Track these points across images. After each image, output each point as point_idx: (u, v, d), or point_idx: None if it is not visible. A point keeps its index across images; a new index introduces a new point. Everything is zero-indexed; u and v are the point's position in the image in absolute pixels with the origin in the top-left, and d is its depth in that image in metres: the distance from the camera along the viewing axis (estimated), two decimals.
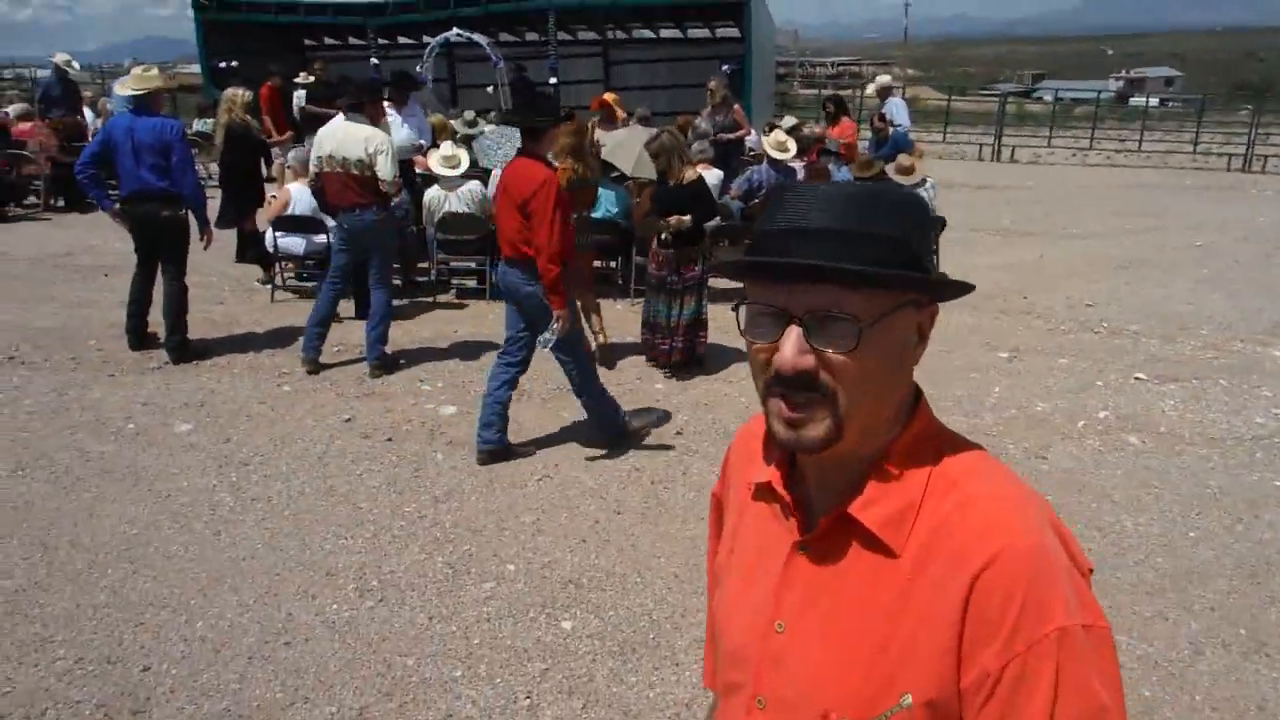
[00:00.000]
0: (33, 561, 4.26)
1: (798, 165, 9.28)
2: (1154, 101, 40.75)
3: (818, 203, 1.03)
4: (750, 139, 11.78)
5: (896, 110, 12.65)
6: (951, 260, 10.23)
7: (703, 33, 19.93)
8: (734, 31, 17.59)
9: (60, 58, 13.94)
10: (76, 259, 10.41)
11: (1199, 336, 7.81)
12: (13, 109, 14.51)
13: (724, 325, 6.83)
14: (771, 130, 9.60)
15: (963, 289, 1.09)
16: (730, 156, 10.84)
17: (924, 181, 9.23)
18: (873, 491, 1.07)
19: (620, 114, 10.68)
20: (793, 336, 1.01)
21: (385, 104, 7.54)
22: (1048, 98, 39.39)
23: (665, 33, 20.73)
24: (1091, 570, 1.06)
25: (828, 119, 12.36)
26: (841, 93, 20.53)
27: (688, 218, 6.43)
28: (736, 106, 11.62)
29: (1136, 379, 6.74)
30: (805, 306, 1.01)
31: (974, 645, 0.97)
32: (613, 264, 9.26)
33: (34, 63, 38.87)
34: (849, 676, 1.04)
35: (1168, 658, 3.60)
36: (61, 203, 13.33)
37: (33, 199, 13.44)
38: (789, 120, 12.84)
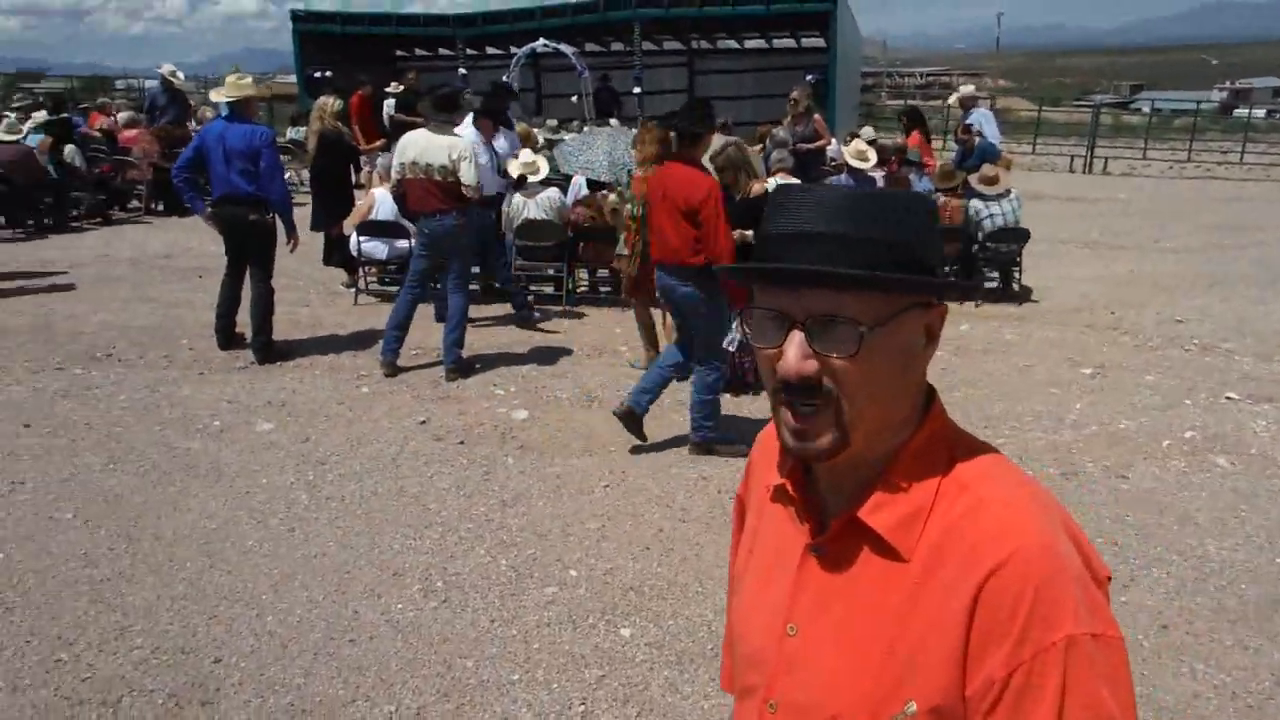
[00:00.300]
0: (118, 552, 4.42)
1: (878, 175, 9.17)
2: (1260, 113, 39.15)
3: (817, 206, 1.03)
4: (831, 149, 11.69)
5: (984, 121, 12.38)
6: (1036, 273, 10.00)
7: (788, 42, 19.87)
8: (819, 41, 17.50)
9: (166, 68, 14.49)
10: (174, 261, 10.81)
11: None
12: (120, 117, 15.16)
13: None
14: (852, 140, 9.50)
15: (970, 289, 1.09)
16: (810, 166, 10.76)
17: (1008, 193, 9.05)
18: (882, 495, 1.06)
19: None
20: (795, 341, 1.01)
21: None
22: (1145, 109, 38.22)
23: (750, 43, 20.72)
24: (1109, 578, 1.04)
25: (904, 130, 12.19)
26: (927, 103, 20.24)
27: (750, 233, 6.17)
28: (817, 116, 11.54)
29: (1227, 398, 6.49)
30: (807, 311, 1.01)
31: (980, 651, 0.96)
32: None
33: (144, 74, 40.52)
34: (858, 681, 1.04)
35: (1247, 689, 3.45)
36: (161, 207, 13.86)
37: (135, 203, 14.00)
38: (869, 131, 12.71)
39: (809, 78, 14.65)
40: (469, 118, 7.99)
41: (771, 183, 7.45)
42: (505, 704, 3.35)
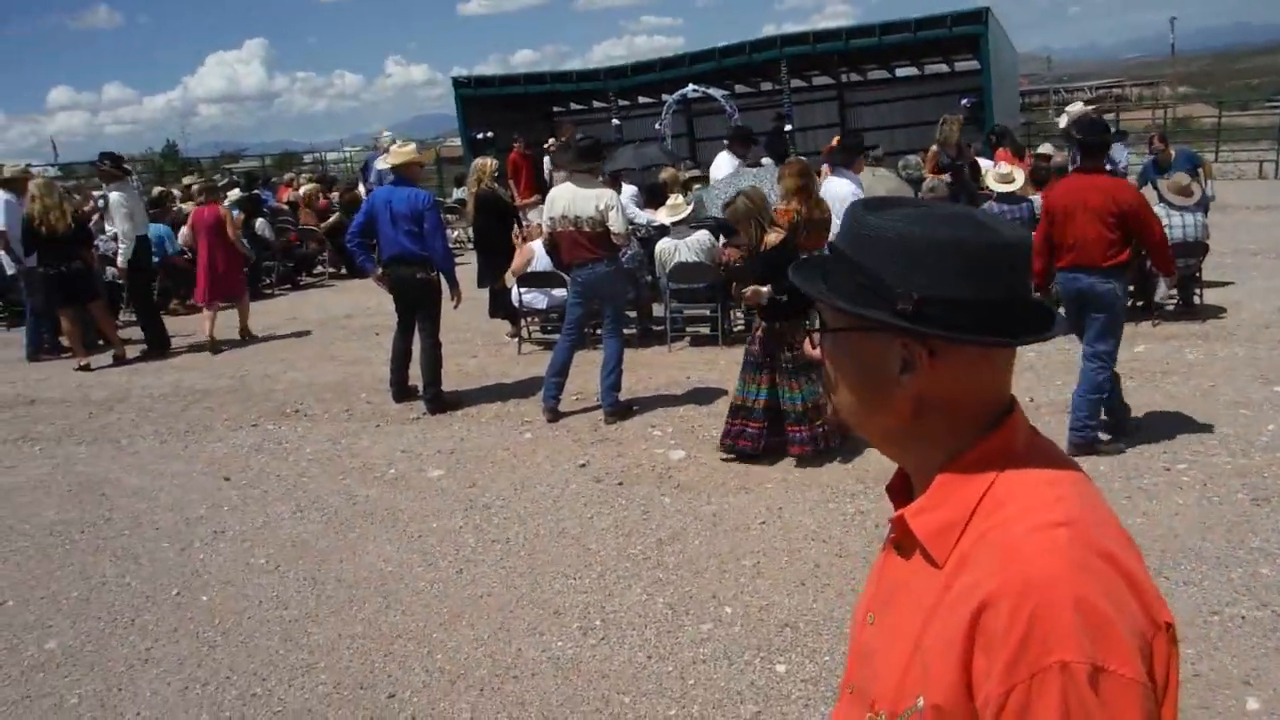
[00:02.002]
0: (304, 595, 4.74)
1: (1035, 197, 8.87)
2: None
3: (847, 223, 1.16)
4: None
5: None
6: (1222, 289, 9.42)
7: (940, 67, 19.50)
8: (973, 64, 17.10)
9: (385, 137, 15.48)
10: (355, 320, 11.52)
11: None
12: (303, 189, 16.32)
13: None
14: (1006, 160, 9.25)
15: (909, 331, 1.08)
16: (959, 195, 10.48)
17: (1203, 198, 8.52)
18: (927, 500, 1.13)
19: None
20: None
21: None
22: None
23: (901, 70, 20.45)
24: (1169, 624, 1.01)
25: (990, 149, 11.72)
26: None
27: (766, 289, 5.75)
28: (971, 149, 11.25)
29: None
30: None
31: (980, 667, 0.98)
32: None
33: (327, 147, 43.40)
34: (891, 672, 1.10)
35: None
36: (343, 270, 14.79)
37: (319, 269, 15.01)
38: (1048, 147, 12.28)
39: (964, 101, 14.35)
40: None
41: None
42: None
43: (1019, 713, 0.94)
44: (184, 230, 12.86)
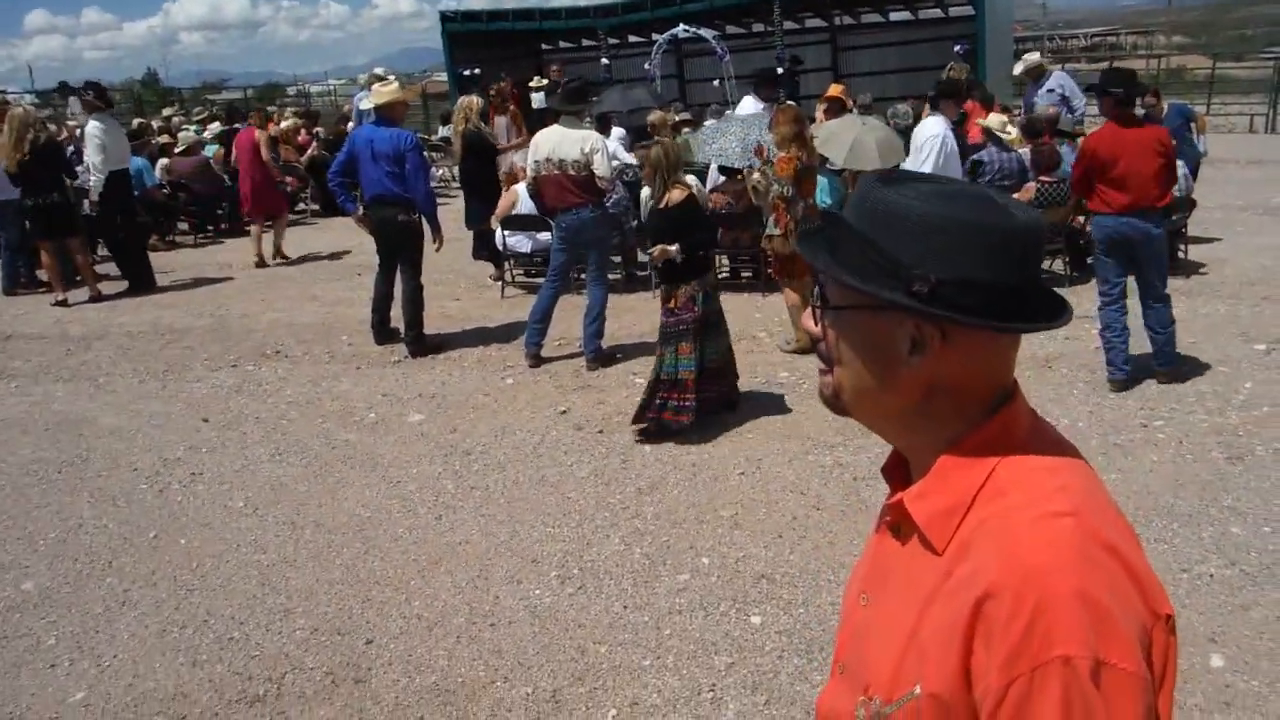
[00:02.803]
0: (283, 539, 4.75)
1: (1024, 149, 8.83)
2: None
3: (857, 195, 1.13)
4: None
5: (1065, 85, 11.35)
6: (1208, 244, 9.42)
7: (934, 13, 19.22)
8: (967, 9, 16.85)
9: (366, 77, 15.23)
10: (337, 260, 11.41)
11: None
12: (284, 124, 16.04)
13: None
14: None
15: (938, 317, 1.06)
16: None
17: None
18: (927, 485, 1.11)
19: (850, 104, 10.58)
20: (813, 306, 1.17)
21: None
22: None
23: (895, 15, 20.15)
24: (1169, 617, 1.01)
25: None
26: (1093, 67, 19.10)
27: (674, 248, 5.50)
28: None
29: None
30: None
31: (980, 658, 0.98)
32: None
33: (312, 79, 42.66)
34: (887, 657, 1.09)
35: None
36: (317, 207, 14.58)
37: (302, 206, 14.81)
38: (1033, 57, 12.04)
39: (957, 48, 14.16)
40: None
41: (692, 180, 6.61)
42: (636, 689, 3.44)
43: (1019, 705, 0.94)
44: (162, 163, 12.68)
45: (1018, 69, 11.74)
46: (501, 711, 3.38)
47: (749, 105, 10.71)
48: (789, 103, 8.07)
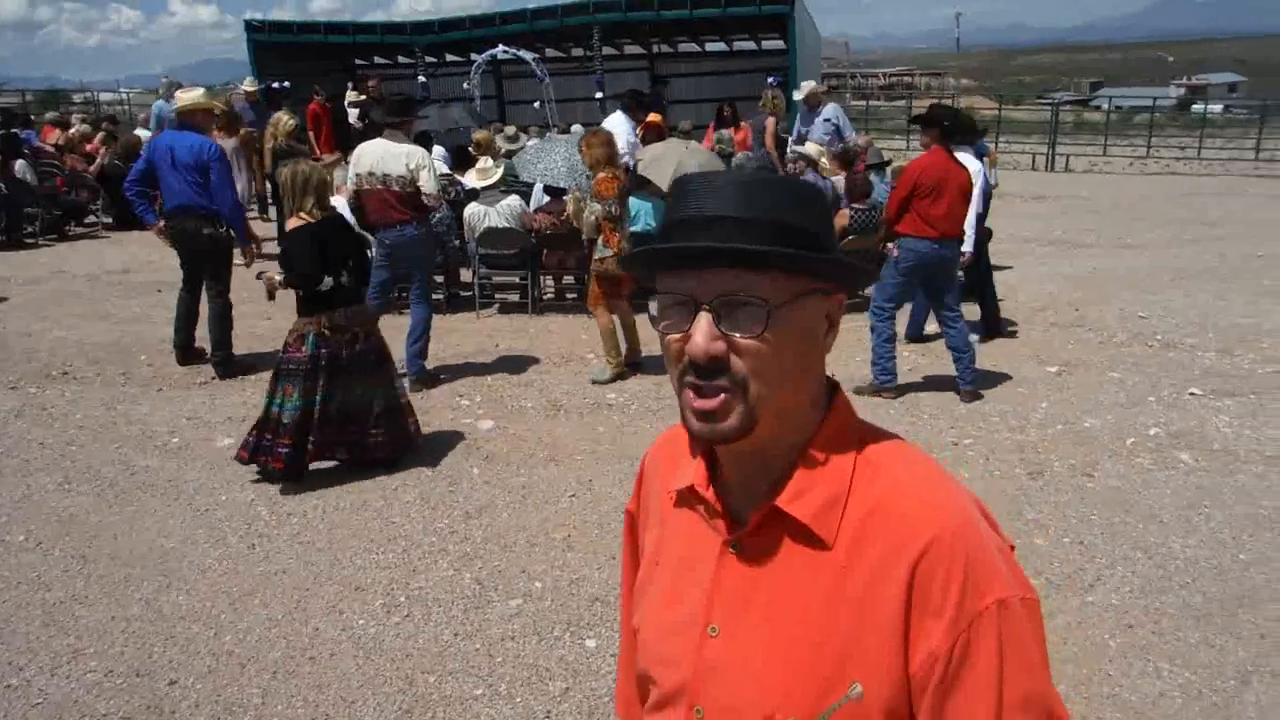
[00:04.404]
0: (72, 574, 4.33)
1: (839, 178, 9.21)
2: (1216, 108, 39.69)
3: (720, 192, 1.04)
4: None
5: (838, 116, 12.00)
6: (999, 272, 10.05)
7: (748, 45, 19.90)
8: (779, 43, 17.54)
9: (248, 83, 14.38)
10: (132, 276, 10.65)
11: (1258, 350, 7.55)
12: (74, 130, 14.93)
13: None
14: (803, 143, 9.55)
15: (868, 275, 1.15)
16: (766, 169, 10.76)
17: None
18: (800, 483, 1.07)
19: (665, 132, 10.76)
20: (703, 323, 1.02)
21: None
22: (1105, 106, 38.63)
23: (711, 45, 20.75)
24: (1013, 548, 1.08)
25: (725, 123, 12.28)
26: (891, 104, 20.22)
27: (277, 277, 5.14)
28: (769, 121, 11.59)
29: (1191, 394, 6.54)
30: (714, 292, 1.02)
31: (919, 627, 0.99)
32: None
33: (101, 87, 40.01)
34: (790, 675, 1.03)
35: (1212, 686, 3.46)
36: (109, 220, 13.60)
37: (92, 218, 13.79)
38: (809, 84, 12.67)
39: (770, 80, 14.66)
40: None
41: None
42: (468, 719, 3.29)
43: (963, 656, 0.98)
44: None
45: (797, 95, 12.29)
46: None
47: (618, 122, 10.68)
48: (601, 127, 8.03)
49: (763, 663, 1.05)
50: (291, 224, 5.17)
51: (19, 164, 12.34)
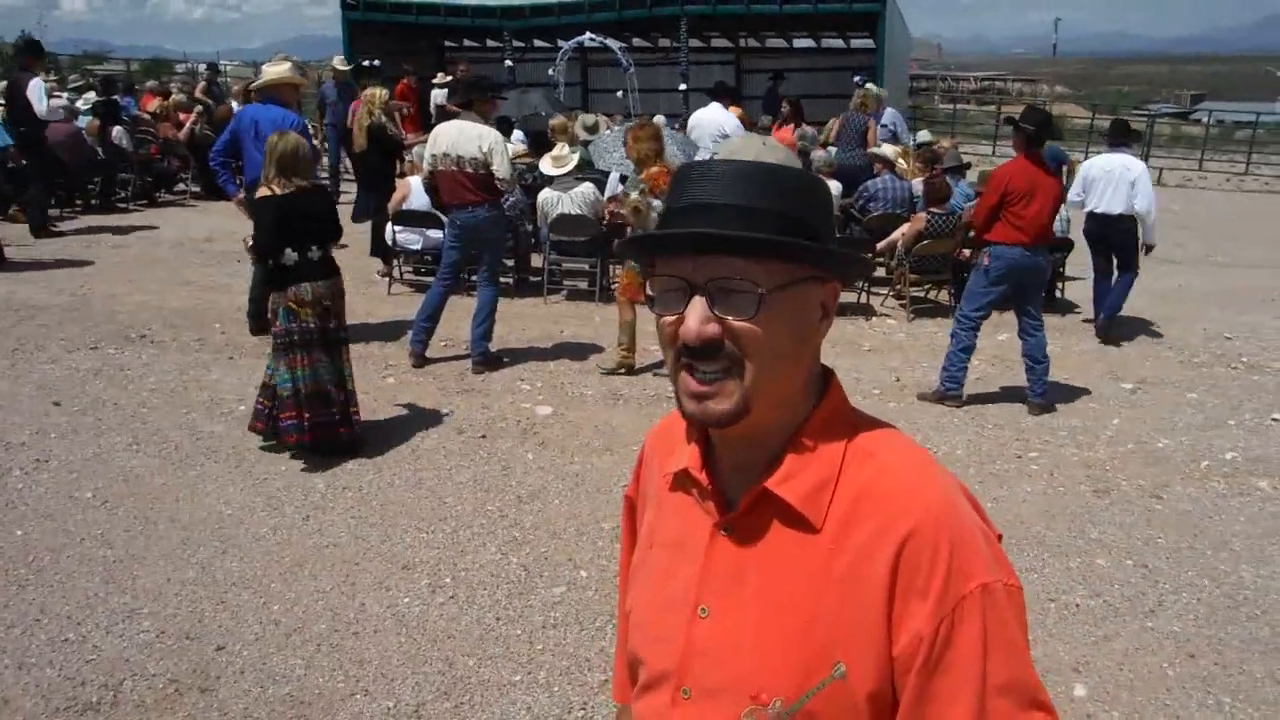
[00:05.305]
0: (133, 534, 4.44)
1: (916, 181, 9.04)
2: None
3: (720, 180, 1.06)
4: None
5: (897, 121, 11.89)
6: (1082, 285, 9.78)
7: (836, 42, 19.66)
8: (868, 42, 17.28)
9: (336, 60, 14.58)
10: (215, 245, 10.90)
11: None
12: (172, 99, 15.33)
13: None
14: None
15: (863, 266, 1.19)
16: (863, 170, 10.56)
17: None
18: (790, 466, 1.08)
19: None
20: (697, 306, 1.04)
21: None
22: (1205, 119, 37.32)
23: (799, 42, 20.54)
24: (1001, 537, 1.10)
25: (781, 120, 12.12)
26: (981, 108, 19.83)
27: (249, 241, 5.22)
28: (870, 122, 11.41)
29: (1274, 420, 6.27)
30: (708, 276, 1.03)
31: (904, 609, 1.01)
32: None
33: (202, 58, 41.12)
34: (777, 655, 1.05)
35: None
36: (197, 189, 13.94)
37: (181, 186, 14.17)
38: (925, 134, 12.50)
39: (856, 79, 14.46)
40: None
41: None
42: (504, 705, 3.30)
43: (946, 639, 0.99)
44: None
45: (854, 103, 12.21)
46: None
47: (717, 111, 10.63)
48: (650, 120, 7.88)
49: (751, 644, 1.07)
50: (259, 194, 5.19)
51: (116, 130, 12.71)
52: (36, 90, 10.04)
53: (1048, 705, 1.03)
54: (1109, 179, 8.13)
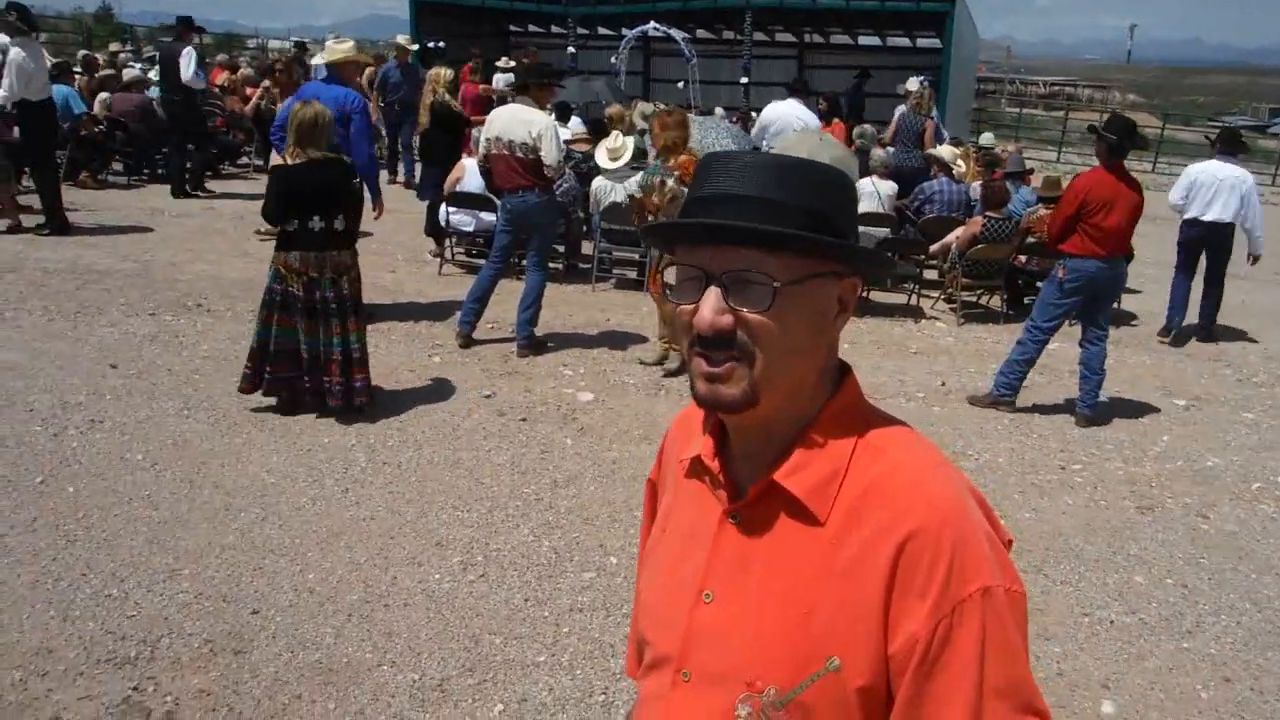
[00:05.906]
0: (179, 497, 4.55)
1: (976, 184, 8.91)
2: None
3: (742, 172, 1.07)
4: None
5: (940, 123, 11.87)
6: (1140, 297, 9.60)
7: (902, 41, 19.43)
8: (935, 41, 17.05)
9: (401, 39, 14.70)
10: None
11: None
12: (241, 73, 15.60)
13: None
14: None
15: (883, 262, 1.18)
16: (920, 171, 10.45)
17: None
18: (799, 459, 1.09)
19: None
20: (711, 296, 1.04)
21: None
22: None
23: (864, 39, 20.33)
24: (1010, 543, 1.10)
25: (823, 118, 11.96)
26: (1049, 114, 19.45)
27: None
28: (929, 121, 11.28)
29: None
30: (724, 267, 1.04)
31: (900, 608, 1.01)
32: None
33: (274, 34, 41.75)
34: (774, 645, 1.06)
35: None
36: (260, 162, 14.18)
37: (245, 159, 14.42)
38: (989, 137, 12.34)
39: (921, 79, 14.28)
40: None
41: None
42: (527, 685, 3.34)
43: (944, 640, 1.00)
44: (102, 97, 12.27)
45: (902, 89, 12.17)
46: (384, 696, 3.25)
47: (793, 105, 10.58)
48: (676, 108, 7.79)
49: (751, 631, 1.08)
50: (272, 162, 5.22)
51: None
52: (187, 59, 10.95)
53: (1044, 712, 1.03)
54: (1221, 187, 8.17)
